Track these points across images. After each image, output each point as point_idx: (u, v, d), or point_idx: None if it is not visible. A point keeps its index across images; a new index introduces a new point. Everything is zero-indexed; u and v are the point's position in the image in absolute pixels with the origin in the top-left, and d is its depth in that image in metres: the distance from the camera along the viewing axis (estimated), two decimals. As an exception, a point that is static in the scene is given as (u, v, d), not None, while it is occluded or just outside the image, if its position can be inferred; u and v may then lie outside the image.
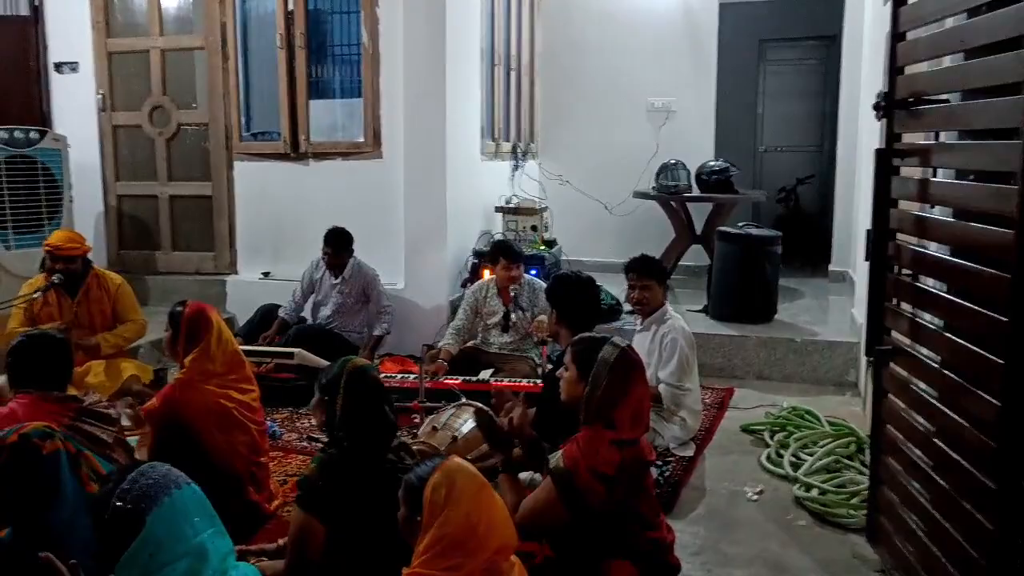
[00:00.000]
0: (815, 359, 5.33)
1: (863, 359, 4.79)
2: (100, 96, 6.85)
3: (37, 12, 6.97)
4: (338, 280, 5.59)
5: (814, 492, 3.57)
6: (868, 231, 3.05)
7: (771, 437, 4.26)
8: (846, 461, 3.88)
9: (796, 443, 4.07)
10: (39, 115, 6.91)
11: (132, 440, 3.33)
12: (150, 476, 1.84)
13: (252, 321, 5.72)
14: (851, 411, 4.68)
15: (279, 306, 5.72)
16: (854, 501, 3.45)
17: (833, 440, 4.06)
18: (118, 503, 1.80)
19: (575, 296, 3.74)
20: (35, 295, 4.73)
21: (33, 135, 6.00)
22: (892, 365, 2.93)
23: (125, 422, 3.24)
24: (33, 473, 2.28)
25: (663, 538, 2.67)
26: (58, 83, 7.02)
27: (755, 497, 3.65)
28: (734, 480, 3.83)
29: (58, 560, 1.89)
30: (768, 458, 4.01)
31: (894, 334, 2.95)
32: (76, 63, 6.93)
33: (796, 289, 6.91)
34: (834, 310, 6.31)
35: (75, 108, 6.90)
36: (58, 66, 7.01)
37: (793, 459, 3.92)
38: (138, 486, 1.81)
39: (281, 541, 2.80)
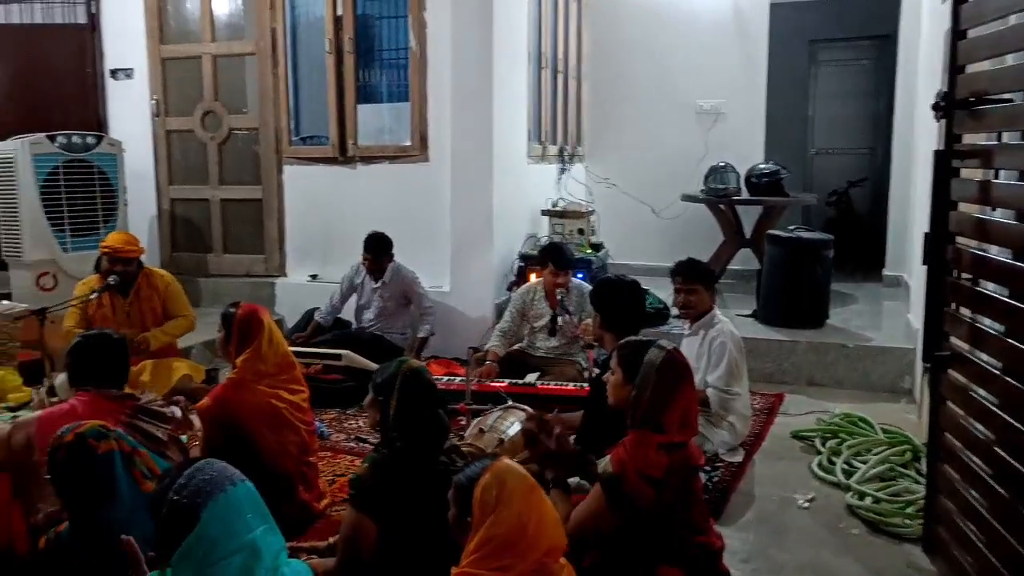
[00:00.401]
0: (868, 365, 5.24)
1: (919, 365, 4.70)
2: (154, 102, 7.00)
3: (94, 20, 7.16)
4: (378, 284, 5.64)
5: (868, 500, 3.51)
6: (926, 234, 3.00)
7: (823, 444, 4.20)
8: (901, 469, 3.81)
9: (849, 450, 4.00)
10: (95, 121, 7.10)
11: (184, 439, 3.39)
12: (206, 472, 1.88)
13: (300, 325, 5.78)
14: (906, 418, 4.59)
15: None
16: (909, 510, 3.38)
17: (887, 448, 3.99)
18: (174, 498, 1.84)
19: (619, 300, 3.73)
20: (92, 296, 4.85)
21: (90, 140, 6.16)
22: (950, 372, 2.87)
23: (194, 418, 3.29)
24: (88, 473, 2.34)
25: (712, 544, 2.65)
26: (114, 89, 7.20)
27: (806, 504, 3.60)
28: (784, 487, 3.78)
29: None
30: (820, 465, 3.95)
31: (953, 340, 2.89)
32: (131, 69, 7.10)
33: (848, 294, 6.81)
34: (888, 315, 6.20)
35: (130, 113, 7.08)
36: (114, 72, 7.19)
37: (846, 466, 3.86)
38: (194, 482, 1.85)
39: (332, 539, 2.84)
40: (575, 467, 3.01)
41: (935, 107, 2.98)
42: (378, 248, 5.56)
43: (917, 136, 6.33)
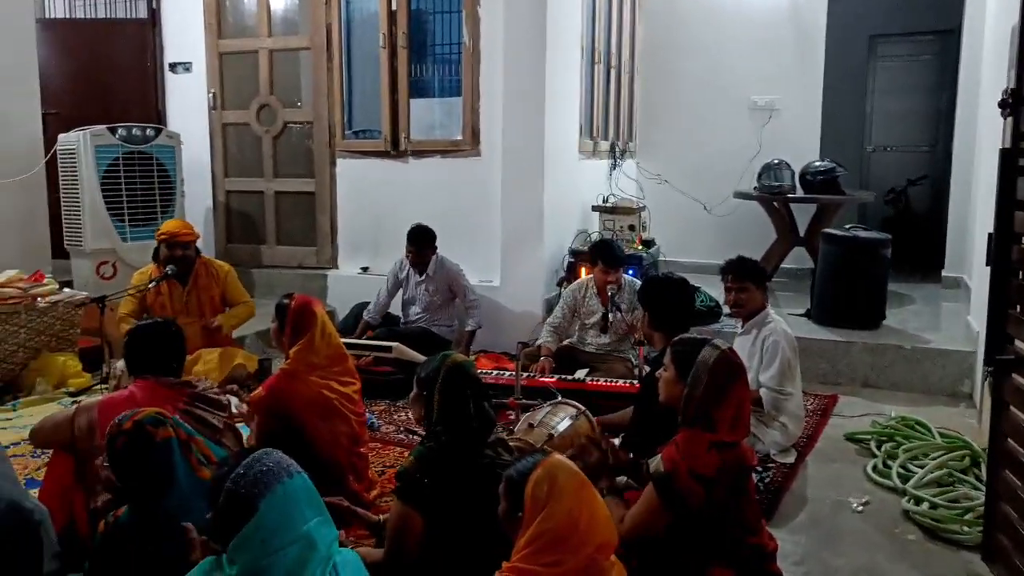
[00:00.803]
0: (926, 367, 5.13)
1: (980, 369, 4.59)
2: (211, 95, 7.13)
3: (154, 15, 7.33)
4: (422, 278, 5.67)
5: (924, 506, 3.44)
6: (990, 235, 2.93)
7: (878, 447, 4.12)
8: (959, 475, 3.72)
9: (905, 454, 3.92)
10: (155, 113, 7.27)
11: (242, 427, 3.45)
12: (264, 463, 1.90)
13: (348, 321, 5.82)
14: (965, 423, 4.49)
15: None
16: (968, 517, 3.30)
17: (945, 452, 3.90)
18: (232, 487, 1.86)
19: (667, 298, 3.70)
20: (151, 285, 4.97)
21: (149, 132, 6.30)
22: (1014, 375, 2.80)
23: (241, 407, 3.36)
24: (146, 459, 2.39)
25: (764, 545, 2.62)
26: (172, 82, 7.36)
27: (860, 508, 3.54)
28: (838, 490, 3.72)
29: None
30: (875, 468, 3.88)
31: (1017, 343, 2.82)
32: (189, 63, 7.25)
33: (906, 294, 6.67)
34: (947, 317, 6.06)
35: (188, 106, 7.23)
36: (172, 66, 7.34)
37: (902, 471, 3.78)
38: (252, 472, 1.88)
39: (382, 516, 2.86)
40: (629, 475, 3.00)
41: (1002, 104, 2.90)
42: (421, 240, 5.58)
43: (980, 134, 6.18)
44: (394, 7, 6.34)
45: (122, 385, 3.47)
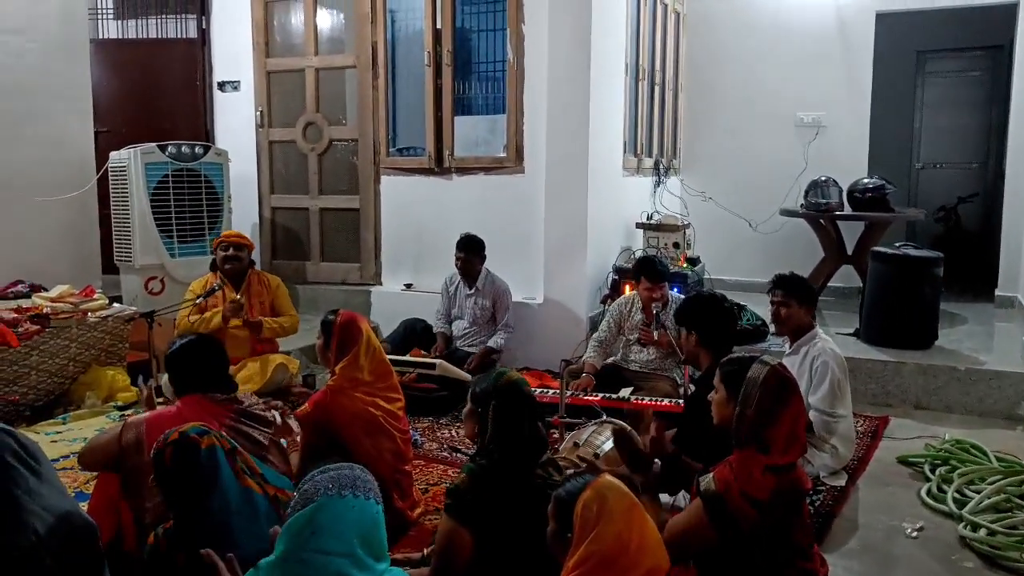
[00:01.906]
0: (981, 389, 5.00)
1: (1037, 391, 4.47)
2: (259, 113, 7.22)
3: (204, 35, 7.46)
4: (472, 291, 5.67)
5: (982, 532, 3.33)
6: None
7: (932, 471, 4.01)
8: (1018, 501, 3.60)
9: (961, 478, 3.81)
10: (203, 131, 7.39)
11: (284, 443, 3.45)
12: (355, 472, 1.94)
13: (395, 337, 5.77)
14: (1022, 446, 4.35)
15: (421, 320, 5.84)
16: (1028, 544, 3.20)
17: (1003, 477, 3.78)
18: (318, 476, 1.89)
19: (710, 315, 3.65)
20: (198, 300, 5.05)
21: (198, 150, 6.39)
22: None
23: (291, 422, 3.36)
24: (193, 465, 2.39)
25: (816, 570, 2.55)
26: (221, 101, 7.48)
27: (915, 534, 3.44)
28: (891, 514, 3.62)
29: (216, 555, 1.99)
30: (929, 493, 3.77)
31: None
32: (238, 82, 7.36)
33: (958, 314, 6.52)
34: (1001, 337, 5.91)
35: (235, 124, 7.33)
36: (221, 85, 7.46)
37: (957, 495, 3.67)
38: (340, 473, 1.91)
39: (427, 550, 2.84)
40: (669, 468, 2.93)
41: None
42: (470, 246, 5.61)
43: (1035, 150, 6.05)
44: (439, 25, 6.38)
45: (143, 399, 3.48)
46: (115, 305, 5.54)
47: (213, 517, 2.35)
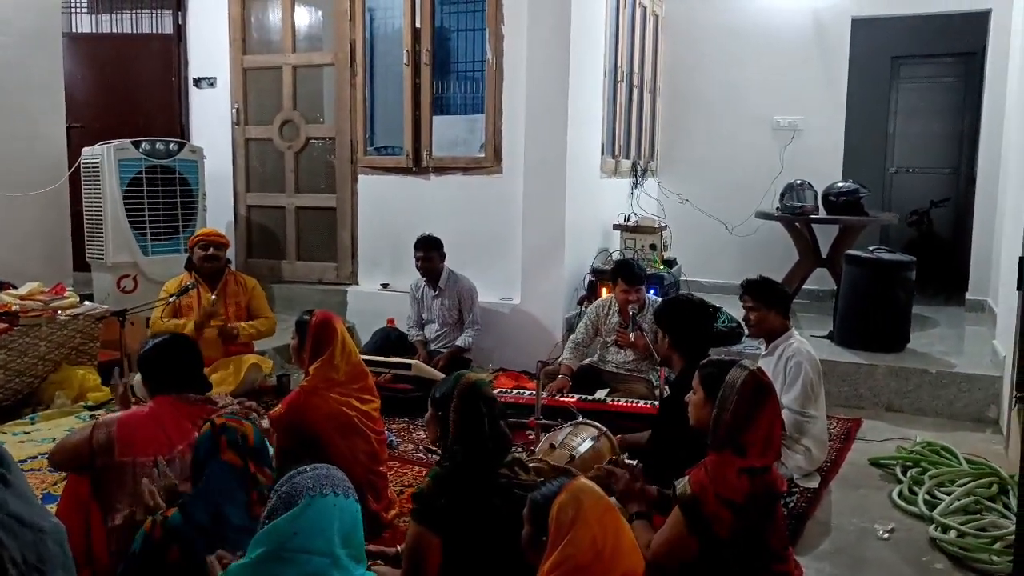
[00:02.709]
0: (951, 392, 5.05)
1: (1006, 394, 4.51)
2: (235, 110, 7.16)
3: (180, 31, 7.38)
4: (437, 292, 5.66)
5: (952, 534, 3.36)
6: (1021, 258, 2.87)
7: (903, 473, 4.04)
8: (987, 503, 3.64)
9: (931, 480, 3.84)
10: (178, 128, 7.31)
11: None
12: (332, 472, 1.94)
13: (370, 347, 5.63)
14: (992, 449, 4.40)
15: (395, 329, 5.81)
16: (997, 546, 3.23)
17: (973, 479, 3.81)
18: (296, 477, 1.88)
19: (685, 319, 3.66)
20: (171, 299, 5.00)
21: (172, 147, 6.32)
22: (1047, 402, 2.73)
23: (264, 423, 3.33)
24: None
25: (790, 572, 2.57)
26: (196, 97, 7.41)
27: (886, 536, 3.46)
28: (863, 516, 3.65)
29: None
30: (901, 495, 3.80)
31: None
32: (214, 79, 7.29)
33: (929, 317, 6.58)
34: (972, 341, 5.97)
35: (211, 121, 7.27)
36: (197, 81, 7.39)
37: (928, 497, 3.70)
38: (318, 473, 1.90)
39: (399, 547, 2.82)
40: (659, 506, 2.93)
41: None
42: (427, 244, 5.61)
43: (1006, 156, 6.12)
44: (418, 24, 6.35)
45: (117, 395, 3.42)
46: (86, 303, 5.47)
47: (222, 522, 2.34)
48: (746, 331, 5.44)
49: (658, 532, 2.54)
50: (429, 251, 5.60)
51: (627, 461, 3.15)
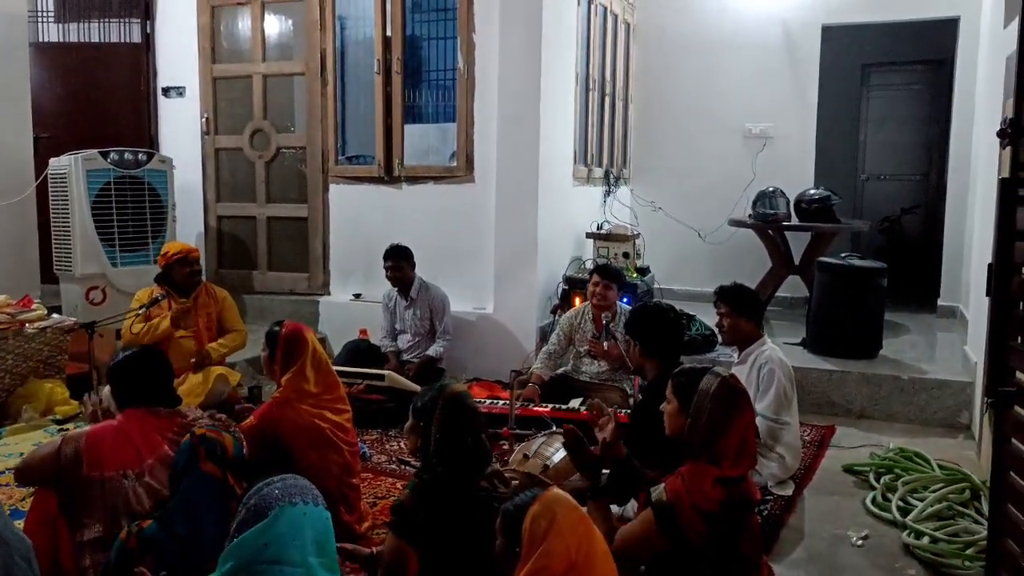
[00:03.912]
0: (923, 398, 5.11)
1: (978, 400, 4.58)
2: (204, 120, 7.11)
3: (148, 39, 7.33)
4: (408, 302, 5.65)
5: (925, 540, 3.40)
6: (990, 265, 2.91)
7: (876, 479, 4.09)
8: (960, 508, 3.69)
9: (904, 487, 3.89)
10: (147, 138, 7.25)
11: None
12: (300, 482, 1.93)
13: (339, 361, 5.51)
14: (964, 455, 4.46)
15: (364, 341, 5.78)
16: (969, 551, 3.27)
17: (945, 485, 3.87)
18: (264, 488, 1.87)
19: (656, 325, 3.68)
20: (140, 311, 4.95)
21: (141, 157, 6.27)
22: (1016, 408, 2.77)
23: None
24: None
25: (764, 581, 2.58)
26: (165, 107, 7.36)
27: (860, 542, 3.49)
28: (837, 523, 3.68)
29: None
30: (874, 501, 3.84)
31: (1018, 375, 2.79)
32: (183, 88, 7.24)
33: (901, 324, 6.66)
34: (943, 347, 6.05)
35: (180, 131, 7.22)
36: (166, 91, 7.34)
37: (901, 504, 3.75)
38: (286, 483, 1.90)
39: (375, 549, 2.81)
40: (618, 472, 2.92)
41: (1001, 133, 2.90)
42: (396, 253, 5.59)
43: (975, 163, 6.21)
44: (389, 33, 6.35)
45: (86, 415, 3.39)
46: (54, 315, 5.40)
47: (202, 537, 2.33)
48: (720, 339, 5.51)
49: (625, 527, 2.55)
50: (398, 261, 5.59)
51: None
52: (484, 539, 2.17)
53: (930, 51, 8.43)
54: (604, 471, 2.88)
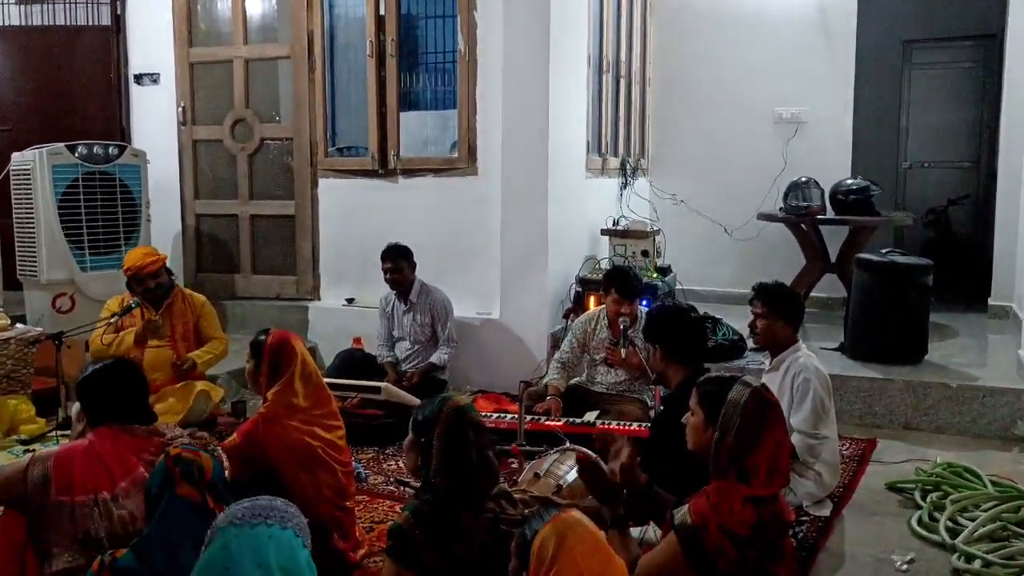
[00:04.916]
0: (974, 408, 5.10)
1: (1034, 409, 4.57)
2: (180, 109, 7.15)
3: (118, 21, 7.36)
4: (407, 307, 5.67)
5: (977, 564, 3.40)
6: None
7: (923, 497, 4.08)
8: (1015, 528, 3.68)
9: (954, 505, 3.88)
10: (118, 130, 7.29)
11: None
12: (274, 503, 1.95)
13: (331, 372, 5.55)
14: (1019, 470, 4.45)
15: (358, 350, 5.81)
16: (1026, 576, 3.28)
17: (998, 503, 3.86)
18: (233, 507, 1.91)
19: (676, 325, 3.69)
20: (111, 319, 4.98)
21: (112, 151, 6.30)
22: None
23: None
24: None
25: (800, 610, 2.58)
26: (138, 95, 7.39)
27: (905, 567, 3.49)
28: (879, 546, 3.67)
29: None
30: (920, 522, 3.83)
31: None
32: (157, 74, 7.27)
33: (948, 326, 6.65)
34: (996, 351, 6.05)
35: (155, 122, 7.25)
36: (138, 78, 7.37)
37: (950, 524, 3.74)
38: (256, 503, 1.92)
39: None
40: (641, 500, 2.94)
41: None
42: (395, 253, 5.60)
43: (1029, 148, 6.20)
44: (382, 12, 6.37)
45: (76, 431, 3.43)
46: (18, 326, 5.42)
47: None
48: (749, 343, 5.52)
49: (648, 555, 2.56)
50: (397, 261, 5.60)
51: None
52: (490, 565, 2.18)
53: (978, 25, 8.41)
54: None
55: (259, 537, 1.85)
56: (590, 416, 4.76)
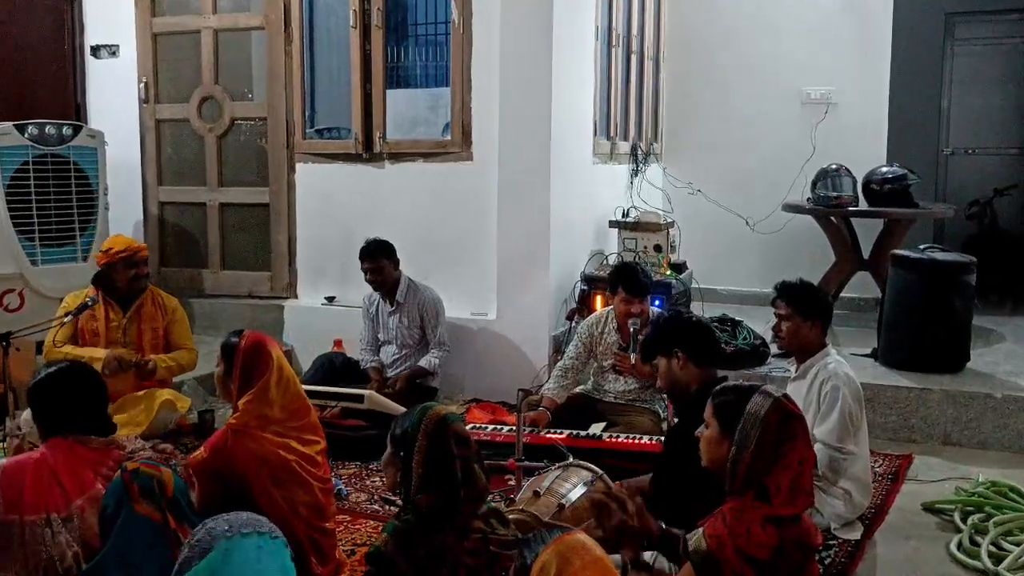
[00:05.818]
0: (1021, 421, 5.12)
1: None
2: (142, 85, 7.15)
3: (73, -12, 7.36)
4: (394, 307, 5.67)
5: (1022, 593, 3.43)
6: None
7: (963, 520, 4.09)
8: (1064, 554, 3.71)
9: (997, 528, 3.90)
10: (72, 107, 7.29)
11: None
12: (253, 516, 2.00)
13: (309, 378, 5.54)
14: (1069, 489, 4.47)
15: (339, 354, 5.83)
16: (1076, 606, 3.29)
17: (1046, 526, 3.89)
18: (210, 523, 1.92)
19: (688, 328, 3.71)
20: (67, 317, 4.97)
21: (66, 131, 6.31)
22: None
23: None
24: None
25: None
26: (95, 70, 7.40)
27: (943, 596, 3.52)
28: (915, 573, 3.70)
29: None
30: (960, 547, 3.85)
31: None
32: (116, 46, 7.28)
33: (993, 330, 6.68)
34: (1045, 358, 6.07)
35: (113, 99, 7.27)
36: (95, 50, 7.37)
37: (993, 549, 3.76)
38: (238, 516, 1.96)
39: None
40: (657, 547, 2.96)
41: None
42: (374, 252, 5.59)
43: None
44: (367, -23, 6.39)
45: (26, 443, 3.44)
46: (-40, 325, 5.43)
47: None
48: (772, 348, 5.53)
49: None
50: (377, 260, 5.58)
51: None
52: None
53: (1028, -4, 8.42)
54: None
55: (249, 548, 1.90)
56: (596, 428, 4.77)
